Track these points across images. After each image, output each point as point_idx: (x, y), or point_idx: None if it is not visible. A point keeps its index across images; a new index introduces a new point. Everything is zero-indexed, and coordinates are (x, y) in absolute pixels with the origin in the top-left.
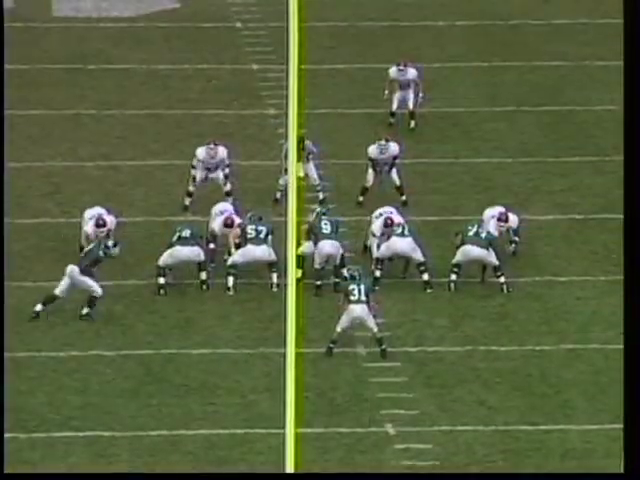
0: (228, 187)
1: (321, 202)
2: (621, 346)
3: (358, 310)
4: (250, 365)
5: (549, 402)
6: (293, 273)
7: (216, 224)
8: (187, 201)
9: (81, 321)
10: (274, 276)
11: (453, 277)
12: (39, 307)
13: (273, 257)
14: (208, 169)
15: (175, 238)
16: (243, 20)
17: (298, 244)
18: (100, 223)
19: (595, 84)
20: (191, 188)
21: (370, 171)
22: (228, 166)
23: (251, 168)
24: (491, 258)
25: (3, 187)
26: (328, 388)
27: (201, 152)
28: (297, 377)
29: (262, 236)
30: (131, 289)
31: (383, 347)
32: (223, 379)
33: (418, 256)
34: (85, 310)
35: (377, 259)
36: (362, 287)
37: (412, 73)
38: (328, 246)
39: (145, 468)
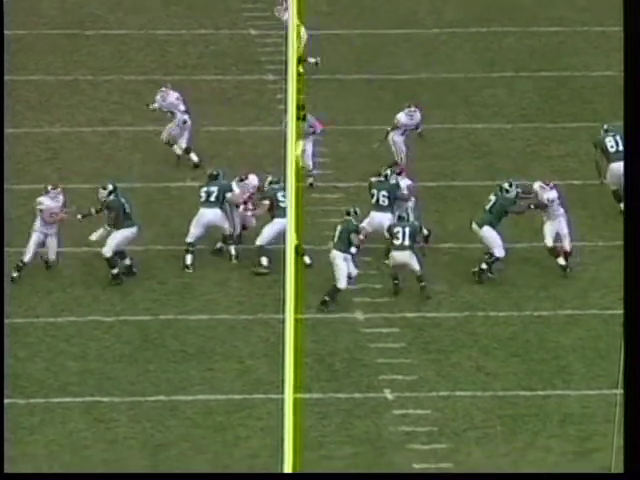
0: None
1: (310, 186)
2: (619, 311)
3: (400, 257)
4: (248, 331)
5: (547, 367)
6: (291, 240)
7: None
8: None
9: (79, 286)
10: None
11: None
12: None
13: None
14: None
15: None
16: None
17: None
18: None
19: (593, 49)
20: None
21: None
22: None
23: (249, 134)
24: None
25: (3, 154)
26: (327, 354)
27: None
28: (296, 343)
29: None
30: (129, 255)
31: (423, 284)
32: (221, 345)
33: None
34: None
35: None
36: (407, 230)
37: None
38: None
39: (143, 434)
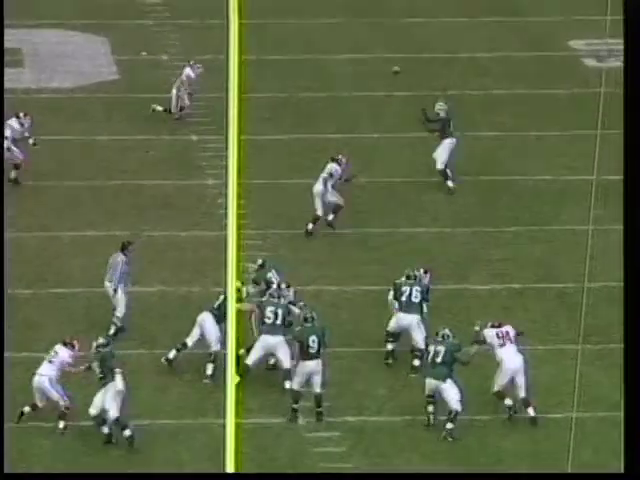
0: None
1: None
2: (558, 415)
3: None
4: (190, 436)
5: (490, 472)
6: (233, 345)
7: None
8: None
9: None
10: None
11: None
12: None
13: None
14: None
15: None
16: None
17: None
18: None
19: (532, 153)
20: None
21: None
22: None
23: (191, 239)
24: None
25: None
26: (267, 459)
27: None
28: (237, 449)
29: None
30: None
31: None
32: (162, 450)
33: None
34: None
35: (387, 332)
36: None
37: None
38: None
39: None
